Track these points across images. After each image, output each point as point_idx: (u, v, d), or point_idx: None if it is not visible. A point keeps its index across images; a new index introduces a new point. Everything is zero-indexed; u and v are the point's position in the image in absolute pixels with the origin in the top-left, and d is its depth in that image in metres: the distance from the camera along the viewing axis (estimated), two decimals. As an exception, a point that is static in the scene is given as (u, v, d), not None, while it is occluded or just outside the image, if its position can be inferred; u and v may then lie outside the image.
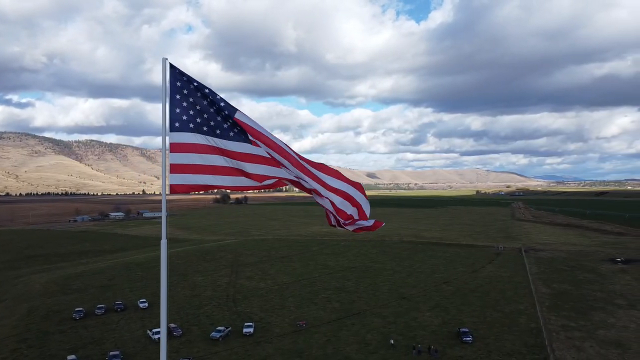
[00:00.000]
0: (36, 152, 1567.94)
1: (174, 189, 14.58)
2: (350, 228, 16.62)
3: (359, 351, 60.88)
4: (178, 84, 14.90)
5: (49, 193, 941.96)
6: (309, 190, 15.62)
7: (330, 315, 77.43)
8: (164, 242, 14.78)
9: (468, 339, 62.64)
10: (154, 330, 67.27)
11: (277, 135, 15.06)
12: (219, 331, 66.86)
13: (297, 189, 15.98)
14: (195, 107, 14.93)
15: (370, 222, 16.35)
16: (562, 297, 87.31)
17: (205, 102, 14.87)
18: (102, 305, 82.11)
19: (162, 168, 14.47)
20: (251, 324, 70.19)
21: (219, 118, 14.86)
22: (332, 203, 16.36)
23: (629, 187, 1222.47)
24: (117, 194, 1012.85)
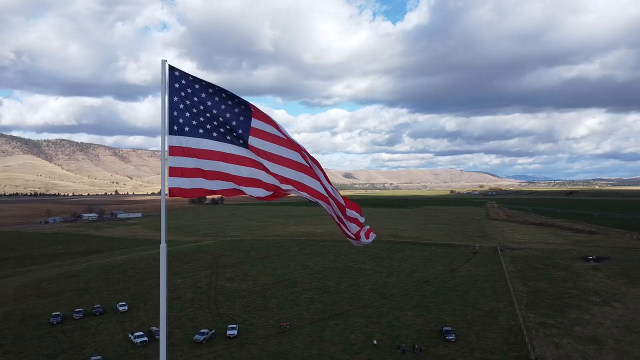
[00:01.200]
0: (3, 152, 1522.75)
1: (173, 193, 14.41)
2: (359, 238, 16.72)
3: (344, 351, 61.15)
4: (176, 85, 14.67)
5: (17, 194, 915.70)
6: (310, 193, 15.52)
7: (313, 315, 77.51)
8: (163, 246, 14.63)
9: (451, 337, 63.59)
10: (136, 334, 66.13)
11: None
12: (203, 334, 66.21)
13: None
14: (193, 109, 14.74)
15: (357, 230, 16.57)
16: (539, 294, 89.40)
17: (203, 105, 14.56)
18: (80, 309, 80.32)
19: (162, 170, 14.30)
20: (235, 326, 69.72)
21: (218, 120, 14.66)
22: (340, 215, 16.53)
23: (597, 187, 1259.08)
24: (88, 194, 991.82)
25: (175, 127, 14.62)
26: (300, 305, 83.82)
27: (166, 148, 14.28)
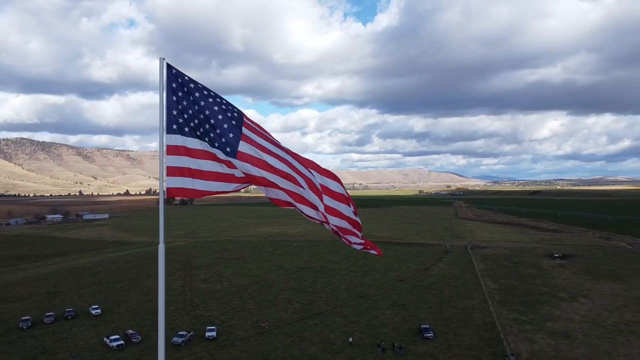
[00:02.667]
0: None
1: (170, 193, 14.41)
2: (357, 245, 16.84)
3: (325, 351, 61.46)
4: (174, 85, 14.67)
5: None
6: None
7: (292, 316, 77.54)
8: (161, 247, 14.61)
9: (429, 334, 64.76)
10: (112, 337, 64.61)
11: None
12: (181, 336, 65.34)
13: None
14: (189, 110, 14.77)
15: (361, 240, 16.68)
16: (510, 292, 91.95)
17: (199, 106, 14.60)
18: (51, 313, 77.91)
19: (160, 169, 14.26)
20: (213, 327, 69.05)
21: (211, 122, 14.71)
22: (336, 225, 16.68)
23: (559, 187, 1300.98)
24: (51, 195, 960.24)
25: (174, 126, 14.58)
26: (278, 306, 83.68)
27: (164, 147, 14.14)
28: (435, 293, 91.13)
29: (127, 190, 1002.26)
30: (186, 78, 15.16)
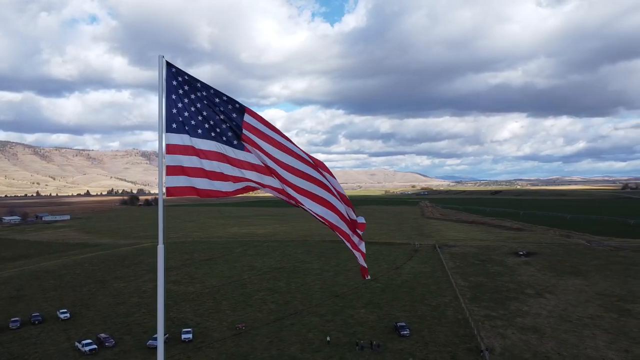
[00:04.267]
0: None
1: (170, 192, 14.32)
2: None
3: (304, 350, 61.63)
4: (174, 82, 14.59)
5: None
6: (296, 200, 15.75)
7: (268, 316, 77.32)
8: (161, 247, 14.57)
9: (405, 332, 65.87)
10: (84, 342, 62.76)
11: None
12: (156, 339, 63.99)
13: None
14: (191, 107, 14.76)
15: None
16: (480, 289, 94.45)
17: (200, 104, 14.63)
18: (17, 319, 74.96)
19: (159, 168, 14.26)
20: (189, 329, 68.12)
21: (215, 120, 14.77)
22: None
23: (519, 187, 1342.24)
24: (6, 195, 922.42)
25: (174, 125, 14.51)
26: (253, 307, 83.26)
27: (164, 146, 14.04)
28: (408, 291, 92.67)
29: (87, 191, 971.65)
30: (186, 77, 15.04)
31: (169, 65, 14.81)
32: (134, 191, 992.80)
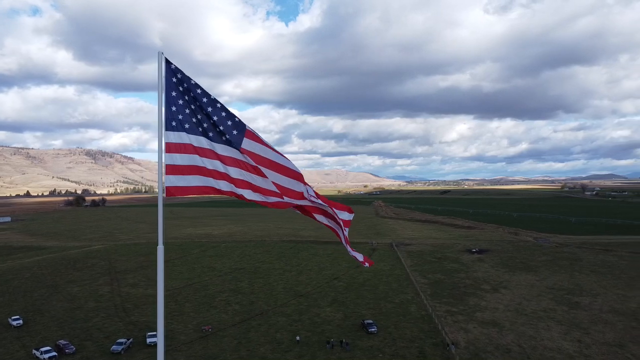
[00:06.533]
0: None
1: (170, 192, 14.23)
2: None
3: (274, 350, 61.49)
4: (174, 80, 14.53)
5: None
6: (285, 204, 16.10)
7: (233, 317, 76.48)
8: (160, 248, 14.57)
9: (373, 329, 66.98)
10: (43, 349, 59.83)
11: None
12: (120, 344, 62.05)
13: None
14: (190, 106, 14.74)
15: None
16: (439, 285, 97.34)
17: (200, 102, 14.61)
18: (-36, 327, 70.60)
19: (159, 168, 14.23)
20: (154, 333, 66.31)
21: (212, 120, 14.81)
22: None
23: (466, 186, 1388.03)
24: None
25: (174, 123, 14.43)
26: (217, 308, 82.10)
27: (163, 145, 13.90)
28: (371, 289, 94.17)
29: (27, 192, 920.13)
30: (186, 75, 14.99)
31: (168, 62, 14.65)
32: (78, 191, 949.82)
